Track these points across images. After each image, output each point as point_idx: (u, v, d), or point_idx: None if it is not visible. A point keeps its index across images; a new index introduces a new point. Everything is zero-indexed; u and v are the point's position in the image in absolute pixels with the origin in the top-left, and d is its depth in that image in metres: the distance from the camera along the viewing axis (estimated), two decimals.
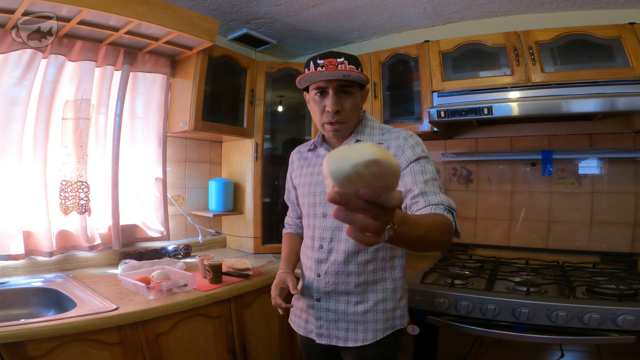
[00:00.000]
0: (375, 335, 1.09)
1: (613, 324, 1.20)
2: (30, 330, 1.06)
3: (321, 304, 1.14)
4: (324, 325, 1.13)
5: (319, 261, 1.14)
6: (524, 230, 1.97)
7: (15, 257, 1.50)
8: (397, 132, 1.10)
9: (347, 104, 1.06)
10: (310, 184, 1.18)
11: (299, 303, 1.24)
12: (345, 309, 1.11)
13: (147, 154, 1.94)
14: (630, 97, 1.40)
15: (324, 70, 1.01)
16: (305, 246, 1.24)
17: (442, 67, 1.83)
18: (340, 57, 1.03)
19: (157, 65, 1.94)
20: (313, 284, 1.16)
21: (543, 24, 1.75)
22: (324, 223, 1.13)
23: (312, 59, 1.05)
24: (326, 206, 1.12)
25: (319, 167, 1.18)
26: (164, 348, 1.34)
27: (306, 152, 1.25)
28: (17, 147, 1.52)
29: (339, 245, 1.11)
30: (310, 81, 1.06)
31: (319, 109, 1.08)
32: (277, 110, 2.30)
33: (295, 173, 1.28)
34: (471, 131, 2.04)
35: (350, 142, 1.10)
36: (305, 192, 1.20)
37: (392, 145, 1.07)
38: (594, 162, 1.85)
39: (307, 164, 1.23)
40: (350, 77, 1.02)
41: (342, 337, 1.11)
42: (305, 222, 1.22)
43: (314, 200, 1.16)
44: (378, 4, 1.94)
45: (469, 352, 1.43)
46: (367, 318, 1.10)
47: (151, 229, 1.96)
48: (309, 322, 1.18)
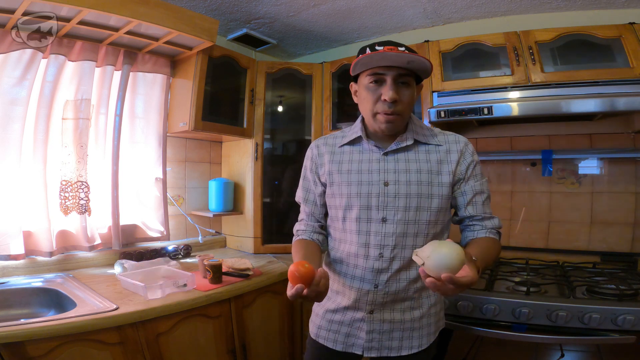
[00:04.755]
0: (428, 339, 1.04)
1: (613, 324, 1.20)
2: (30, 330, 1.06)
3: (374, 315, 1.02)
4: (376, 338, 1.02)
5: (378, 271, 0.99)
6: (524, 230, 1.97)
7: (15, 257, 1.50)
8: (454, 136, 1.06)
9: (406, 96, 0.96)
10: (361, 182, 1.02)
11: (336, 316, 1.08)
12: (401, 318, 1.02)
13: (147, 154, 1.94)
14: (630, 97, 1.40)
15: (386, 52, 0.91)
16: (349, 255, 1.04)
17: (442, 67, 1.83)
18: (401, 47, 0.94)
19: (157, 65, 1.94)
20: (367, 296, 1.01)
21: (543, 24, 1.75)
22: (384, 229, 0.99)
23: (369, 45, 0.96)
24: (387, 210, 0.99)
25: (369, 164, 1.02)
26: (164, 348, 1.34)
27: (340, 146, 1.09)
28: (17, 147, 1.52)
29: (404, 252, 0.99)
30: (368, 65, 0.94)
31: (373, 97, 0.96)
32: (277, 110, 2.29)
33: (326, 169, 1.08)
34: (471, 131, 2.04)
35: (407, 141, 1.01)
36: (352, 193, 1.02)
37: (454, 149, 1.02)
38: (594, 162, 1.85)
39: (349, 160, 1.06)
40: (414, 64, 0.91)
41: (395, 346, 1.02)
42: (349, 227, 1.04)
43: (368, 203, 1.00)
44: (378, 4, 1.94)
45: (469, 352, 1.43)
46: (422, 323, 1.03)
47: (151, 229, 1.96)
48: (353, 336, 1.05)
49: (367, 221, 1.01)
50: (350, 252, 1.04)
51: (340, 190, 1.05)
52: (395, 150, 1.01)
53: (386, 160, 1.01)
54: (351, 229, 1.03)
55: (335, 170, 1.07)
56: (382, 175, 1.00)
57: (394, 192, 0.98)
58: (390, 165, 1.01)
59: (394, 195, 0.98)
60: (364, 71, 0.97)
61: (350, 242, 1.04)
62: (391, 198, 0.98)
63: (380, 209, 0.99)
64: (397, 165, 1.00)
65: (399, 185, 0.99)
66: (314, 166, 1.12)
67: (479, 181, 1.04)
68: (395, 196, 0.98)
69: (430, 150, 1.02)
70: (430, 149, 1.02)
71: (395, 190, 0.98)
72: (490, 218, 1.04)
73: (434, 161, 1.01)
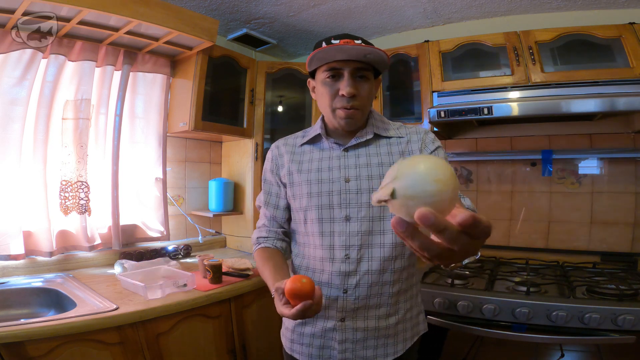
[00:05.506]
0: (404, 345, 0.99)
1: (613, 324, 1.20)
2: (30, 330, 1.06)
3: (346, 323, 0.96)
4: (350, 348, 0.96)
5: (346, 274, 0.94)
6: (524, 230, 1.97)
7: (15, 257, 1.50)
8: (414, 127, 1.03)
9: (364, 90, 0.93)
10: (321, 181, 0.98)
11: (307, 329, 1.01)
12: (376, 325, 0.96)
13: (147, 154, 1.94)
14: (630, 97, 1.40)
15: (343, 45, 0.87)
16: (314, 260, 1.00)
17: (442, 67, 1.83)
18: (357, 39, 0.91)
19: (157, 65, 1.94)
20: (336, 302, 0.95)
21: (543, 24, 1.75)
22: (348, 228, 0.95)
23: (325, 39, 0.92)
24: (349, 208, 0.95)
25: (329, 161, 1.00)
26: (164, 348, 1.34)
27: (300, 146, 1.06)
28: (17, 147, 1.52)
29: (371, 252, 0.94)
30: (324, 59, 0.91)
31: (331, 92, 0.93)
32: (277, 110, 2.29)
33: (285, 169, 1.05)
34: (471, 131, 2.04)
35: (367, 135, 0.99)
36: (313, 192, 0.98)
37: (414, 139, 1.00)
38: (594, 162, 1.85)
39: (309, 159, 1.02)
40: (371, 57, 0.89)
41: (370, 355, 0.96)
42: (311, 229, 0.99)
43: (330, 201, 0.96)
44: (378, 4, 1.94)
45: (469, 352, 1.43)
46: (398, 329, 0.98)
47: (151, 229, 1.96)
48: (328, 348, 0.98)
49: (330, 221, 0.96)
50: (315, 256, 0.99)
51: (300, 191, 1.01)
52: (356, 145, 0.99)
53: (347, 156, 0.99)
54: (313, 231, 0.99)
55: (295, 170, 1.03)
56: (343, 172, 0.97)
57: (355, 188, 0.95)
58: (351, 160, 0.98)
59: (356, 191, 0.95)
60: (321, 66, 0.94)
61: (314, 246, 0.99)
62: (353, 194, 0.95)
63: (343, 207, 0.95)
64: (358, 160, 0.98)
65: (360, 181, 0.96)
66: (274, 167, 1.08)
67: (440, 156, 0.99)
68: (358, 192, 0.95)
69: (392, 143, 0.99)
70: (392, 142, 1.00)
71: (357, 186, 0.96)
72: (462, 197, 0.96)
73: (396, 153, 0.98)
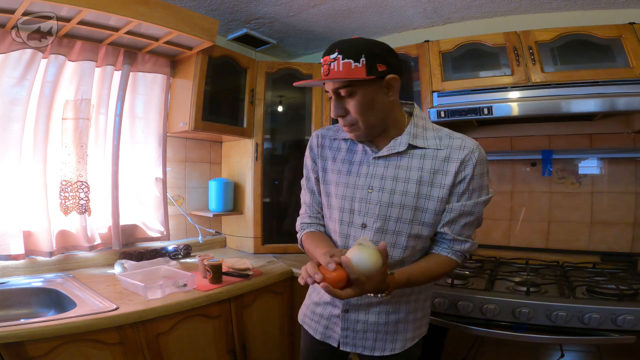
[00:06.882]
0: (403, 344, 1.01)
1: (613, 324, 1.20)
2: (30, 330, 1.06)
3: (349, 315, 1.01)
4: (350, 335, 1.02)
5: None
6: (524, 230, 1.97)
7: (15, 257, 1.50)
8: (461, 140, 0.95)
9: (351, 106, 0.90)
10: (348, 185, 1.00)
11: (318, 309, 1.09)
12: (376, 320, 1.00)
13: (147, 154, 1.94)
14: (630, 97, 1.40)
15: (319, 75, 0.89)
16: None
17: (442, 67, 1.82)
18: (333, 53, 0.86)
19: (157, 65, 1.94)
20: None
21: (543, 24, 1.75)
22: (362, 235, 0.97)
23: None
24: (367, 216, 0.97)
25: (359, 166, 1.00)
26: (164, 348, 1.34)
27: (341, 140, 1.05)
28: (17, 147, 1.52)
29: None
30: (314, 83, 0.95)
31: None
32: (277, 110, 2.29)
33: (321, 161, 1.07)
34: (471, 131, 2.04)
35: (400, 147, 0.95)
36: (339, 193, 1.01)
37: (454, 156, 0.93)
38: (594, 162, 1.85)
39: (342, 159, 1.04)
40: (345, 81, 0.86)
41: (369, 346, 1.01)
42: (333, 227, 1.04)
43: (351, 206, 0.99)
44: (378, 4, 1.94)
45: (469, 352, 1.43)
46: (398, 328, 1.01)
47: (151, 229, 1.96)
48: (330, 329, 1.06)
49: (347, 225, 1.00)
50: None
51: (327, 189, 1.05)
52: (387, 155, 0.97)
53: (376, 164, 0.98)
54: (334, 229, 1.04)
55: (329, 166, 1.06)
56: (369, 180, 0.97)
57: (376, 200, 0.95)
58: (379, 170, 0.97)
59: (376, 202, 0.95)
60: None
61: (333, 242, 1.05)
62: (373, 205, 0.96)
63: (362, 214, 0.97)
64: (386, 171, 0.96)
65: (382, 193, 0.95)
66: (312, 155, 1.10)
67: (472, 200, 0.95)
68: (377, 204, 0.95)
69: (426, 156, 0.94)
70: (427, 154, 0.95)
71: (378, 198, 0.95)
72: (462, 241, 0.97)
73: (428, 170, 0.94)
